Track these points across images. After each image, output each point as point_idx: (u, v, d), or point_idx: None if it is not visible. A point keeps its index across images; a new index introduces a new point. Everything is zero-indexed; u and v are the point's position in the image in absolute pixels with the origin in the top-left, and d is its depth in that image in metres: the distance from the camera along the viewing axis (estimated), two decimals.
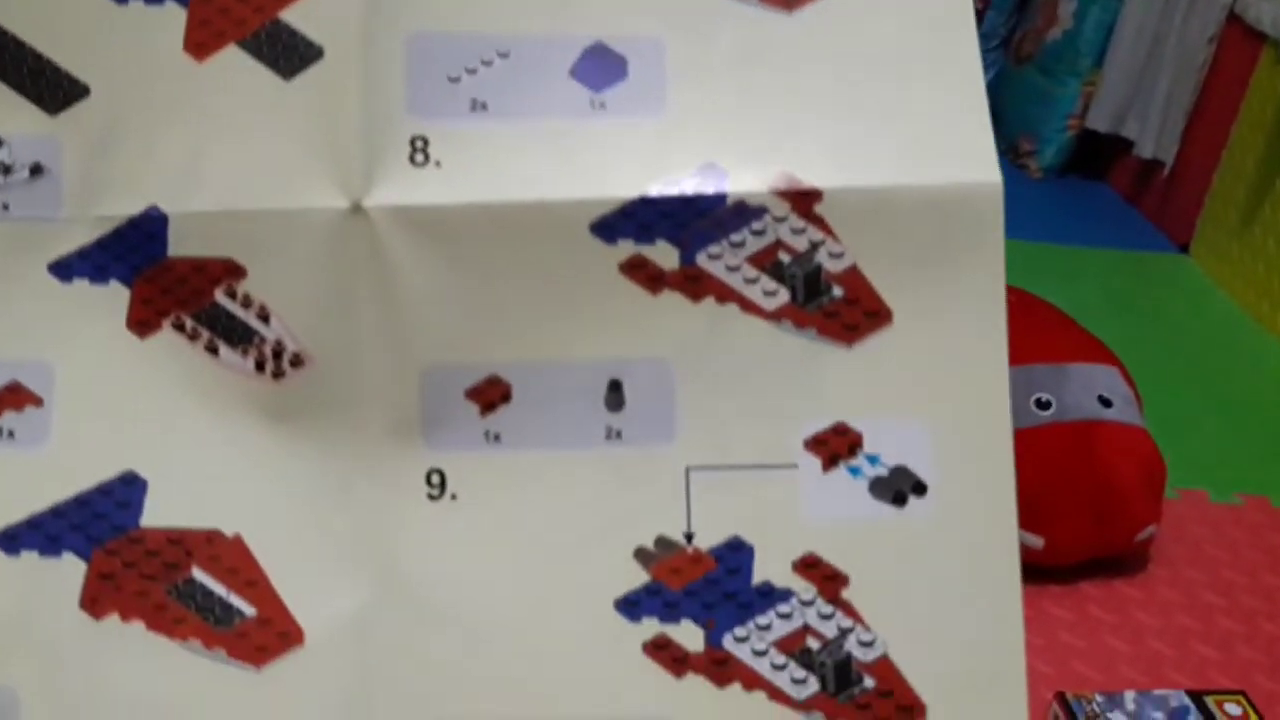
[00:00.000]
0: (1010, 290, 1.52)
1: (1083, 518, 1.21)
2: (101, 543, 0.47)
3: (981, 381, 0.46)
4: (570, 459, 0.48)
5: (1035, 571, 1.19)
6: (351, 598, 0.47)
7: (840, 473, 0.47)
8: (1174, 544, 1.31)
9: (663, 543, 0.47)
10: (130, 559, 0.48)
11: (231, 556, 0.48)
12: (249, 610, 0.48)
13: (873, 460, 0.47)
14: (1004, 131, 2.31)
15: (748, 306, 0.47)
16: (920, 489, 0.46)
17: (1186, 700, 1.04)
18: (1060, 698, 1.04)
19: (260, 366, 0.49)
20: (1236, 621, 1.22)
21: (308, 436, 0.49)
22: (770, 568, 0.47)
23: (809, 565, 0.46)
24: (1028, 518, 1.30)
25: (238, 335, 0.49)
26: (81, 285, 0.49)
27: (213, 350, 0.49)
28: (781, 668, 0.46)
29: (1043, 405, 1.24)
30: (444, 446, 0.49)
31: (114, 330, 0.49)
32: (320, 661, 0.47)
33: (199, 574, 0.48)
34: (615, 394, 0.48)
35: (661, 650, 0.46)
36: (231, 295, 0.49)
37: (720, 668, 0.46)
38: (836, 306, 0.47)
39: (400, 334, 0.48)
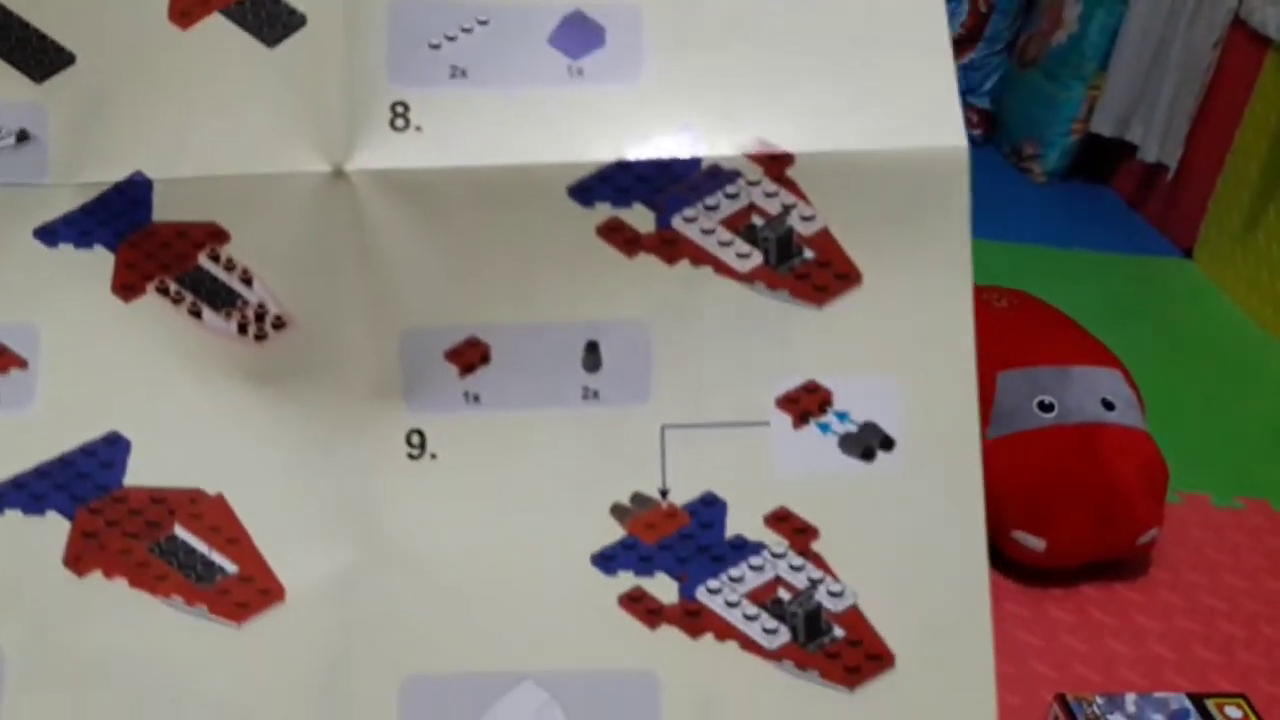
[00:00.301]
0: (1013, 293, 1.52)
1: (1085, 520, 1.20)
2: (85, 502, 0.48)
3: (948, 340, 0.47)
4: (548, 419, 0.49)
5: (1037, 573, 1.19)
6: (332, 555, 0.48)
7: (811, 429, 0.48)
8: (1175, 547, 1.31)
9: (638, 499, 0.48)
10: (113, 517, 0.49)
11: (213, 515, 0.49)
12: (230, 567, 0.49)
13: (842, 417, 0.48)
14: (1008, 135, 2.32)
15: (722, 269, 0.48)
16: (888, 444, 0.47)
17: (1187, 703, 1.04)
18: (1061, 699, 1.03)
19: (243, 329, 0.50)
20: (1237, 625, 1.22)
21: (290, 398, 0.50)
22: (742, 522, 0.48)
23: (780, 519, 0.47)
24: (1030, 520, 1.30)
25: (221, 298, 0.50)
26: (67, 250, 0.50)
27: (196, 314, 0.50)
28: (753, 618, 0.47)
29: (1045, 408, 1.24)
30: (424, 407, 0.50)
31: (99, 294, 0.50)
32: (301, 618, 0.48)
33: (181, 532, 0.49)
34: (592, 355, 0.50)
35: (636, 603, 0.47)
36: (215, 259, 0.50)
37: (693, 619, 0.47)
38: (808, 268, 0.48)
39: (380, 296, 0.49)
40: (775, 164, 0.48)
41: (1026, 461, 1.21)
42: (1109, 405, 1.24)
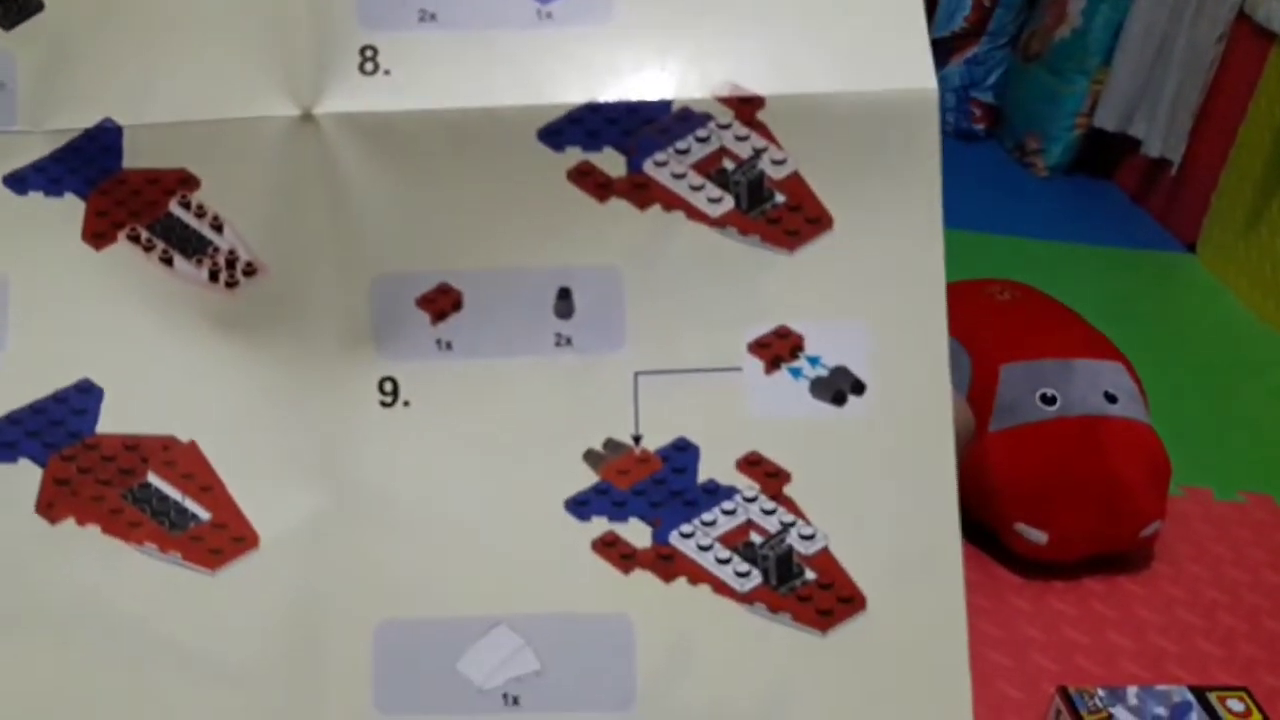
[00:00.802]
0: (1016, 286, 1.53)
1: (1087, 513, 1.19)
2: (58, 449, 0.49)
3: (918, 284, 0.47)
4: (521, 366, 0.50)
5: (1039, 566, 1.19)
6: (305, 502, 0.49)
7: (782, 374, 0.48)
8: (1178, 541, 1.31)
9: (611, 445, 0.49)
10: (86, 465, 0.49)
11: (187, 462, 0.49)
12: (204, 515, 0.49)
13: (813, 361, 0.48)
14: (1011, 129, 2.32)
15: (693, 214, 0.49)
16: (859, 388, 0.48)
17: (1189, 696, 1.04)
18: (1063, 692, 1.03)
19: (214, 276, 0.50)
20: (1239, 619, 1.21)
21: (261, 345, 0.50)
22: (715, 467, 0.48)
23: (752, 463, 0.48)
24: (1032, 512, 1.31)
25: (192, 246, 0.50)
26: (37, 198, 0.51)
27: (167, 261, 0.50)
28: (725, 562, 0.47)
29: (1048, 400, 1.24)
30: (396, 354, 0.50)
31: (69, 242, 0.50)
32: (274, 564, 0.48)
33: (154, 479, 0.49)
34: (564, 301, 0.50)
35: (610, 548, 0.48)
36: (185, 206, 0.50)
37: (666, 563, 0.47)
38: (779, 213, 0.48)
39: (351, 242, 0.49)
40: (746, 107, 0.48)
41: (1029, 454, 1.20)
42: (1112, 398, 1.24)
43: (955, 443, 1.07)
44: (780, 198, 0.48)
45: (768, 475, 0.47)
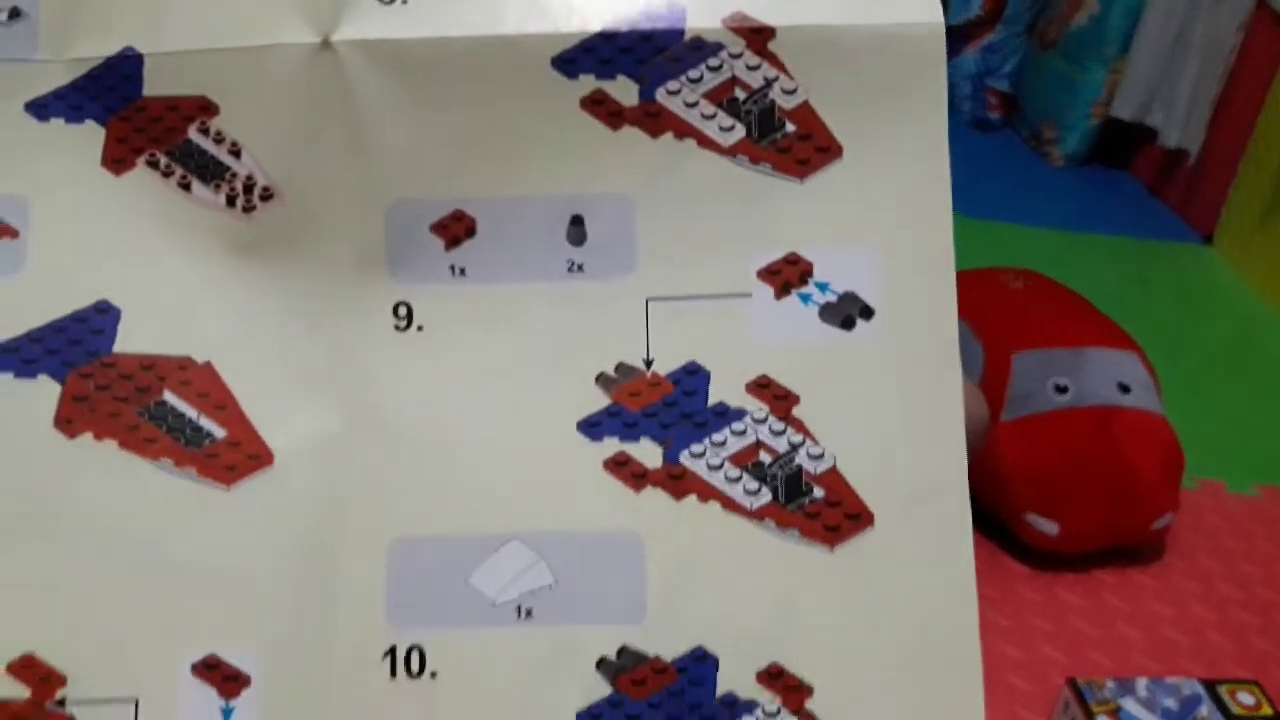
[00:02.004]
0: (1029, 274, 1.55)
1: (1099, 504, 1.23)
2: (76, 367, 0.50)
3: (925, 213, 0.50)
4: (533, 292, 0.51)
5: (1050, 558, 1.22)
6: (320, 423, 0.51)
7: (792, 300, 0.50)
8: (1191, 534, 1.34)
9: (623, 369, 0.51)
10: (103, 382, 0.51)
11: (202, 382, 0.51)
12: (219, 432, 0.50)
13: (822, 287, 0.51)
14: (1027, 118, 2.36)
15: (704, 142, 0.51)
16: (867, 313, 0.50)
17: (1199, 688, 1.07)
18: (1072, 684, 1.06)
19: (231, 201, 0.52)
20: (1252, 613, 1.24)
21: (277, 269, 0.52)
22: (725, 390, 0.50)
23: (761, 386, 0.50)
24: (1044, 502, 1.33)
25: (210, 171, 0.52)
26: (58, 125, 0.53)
27: (185, 186, 0.53)
28: (735, 480, 0.49)
29: (1061, 390, 1.26)
30: (410, 280, 0.52)
31: (89, 168, 0.52)
32: (289, 482, 0.50)
33: (170, 397, 0.51)
34: (577, 228, 0.52)
35: (622, 467, 0.50)
36: (204, 132, 0.53)
37: (677, 481, 0.49)
38: (789, 142, 0.51)
39: (367, 169, 0.52)
40: (757, 37, 0.51)
41: (1041, 444, 1.23)
42: (1125, 388, 1.27)
43: (970, 431, 1.11)
44: (790, 127, 0.51)
45: (777, 398, 0.49)
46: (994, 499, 1.27)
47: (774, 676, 0.49)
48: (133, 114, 0.53)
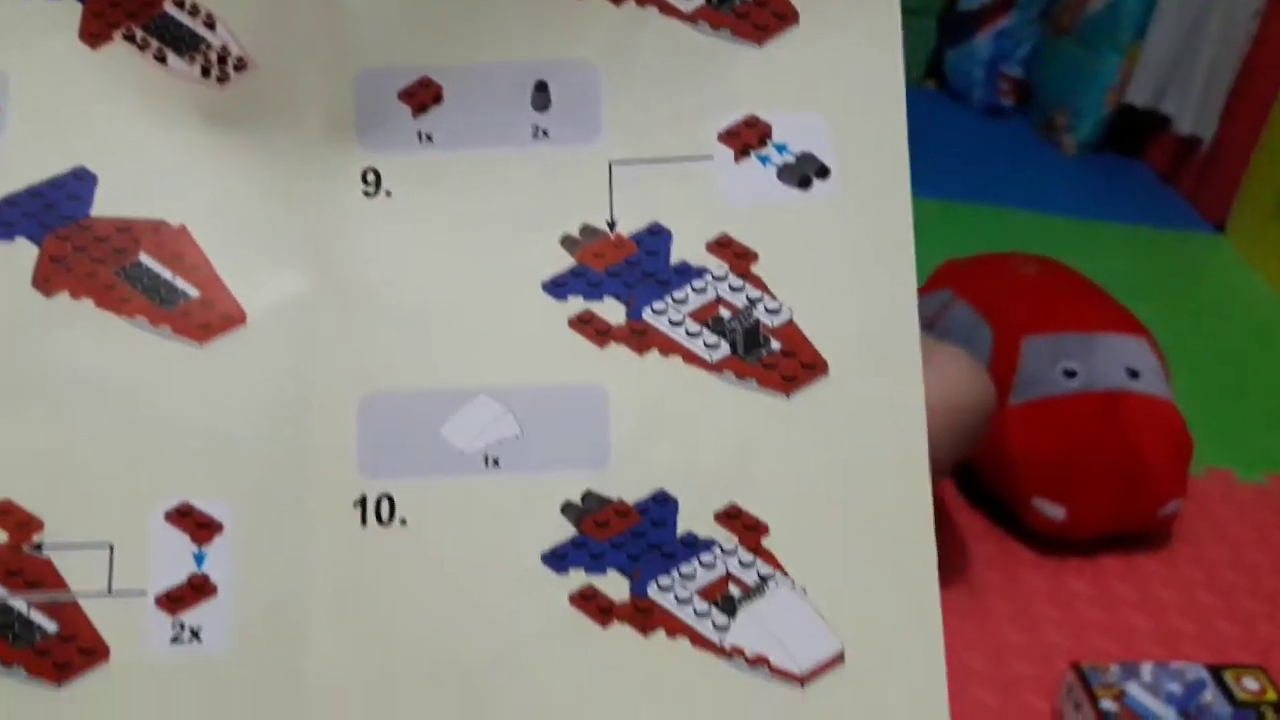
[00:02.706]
0: (1040, 260, 1.61)
1: (1107, 489, 1.24)
2: (53, 230, 0.55)
3: (878, 75, 0.55)
4: (499, 157, 0.56)
5: (1056, 543, 1.24)
6: (292, 284, 0.55)
7: (751, 161, 0.56)
8: (1199, 522, 1.38)
9: (587, 230, 0.56)
10: (80, 244, 0.55)
11: (177, 244, 0.55)
12: (193, 292, 0.55)
13: (781, 149, 0.56)
14: (1040, 105, 2.42)
15: (666, 9, 0.56)
16: (824, 172, 0.55)
17: (1204, 673, 1.10)
18: (1076, 668, 1.09)
19: (206, 72, 0.57)
20: (1259, 601, 1.27)
21: (250, 137, 0.56)
22: (686, 249, 0.55)
23: (722, 245, 0.55)
24: (1051, 487, 1.37)
25: (185, 43, 0.57)
26: (37, 1, 0.59)
27: (161, 59, 0.57)
28: (696, 335, 0.54)
29: (1070, 374, 1.31)
30: (378, 147, 0.56)
31: (67, 42, 0.56)
32: (261, 340, 0.54)
33: (146, 259, 0.55)
34: (542, 94, 0.56)
35: (586, 324, 0.54)
36: (179, 5, 0.57)
37: (640, 337, 0.54)
38: (747, 8, 0.56)
39: (335, 37, 0.56)
40: None
41: (1049, 428, 1.25)
42: (1134, 373, 1.31)
43: (977, 413, 1.14)
44: None
45: (736, 255, 0.54)
46: (1001, 483, 1.27)
47: (732, 516, 0.54)
48: None
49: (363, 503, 0.53)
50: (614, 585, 0.53)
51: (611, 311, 0.55)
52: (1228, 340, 1.78)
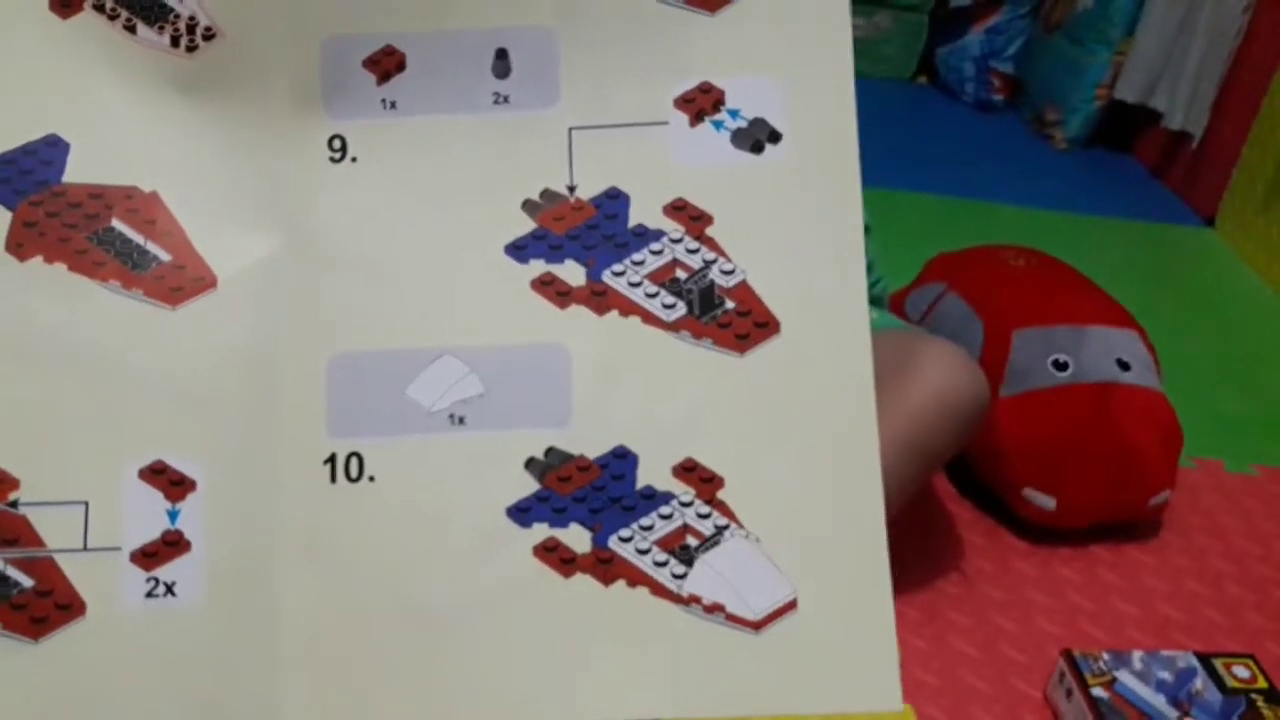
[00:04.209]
0: (1030, 252, 1.64)
1: (1097, 480, 1.26)
2: (26, 195, 0.57)
3: (828, 41, 0.57)
4: (461, 123, 0.58)
5: (1046, 532, 1.25)
6: (260, 248, 0.57)
7: (705, 127, 0.57)
8: (1188, 512, 1.40)
9: (547, 194, 0.58)
10: (53, 209, 0.57)
11: (149, 210, 0.57)
12: (165, 256, 0.57)
13: (734, 114, 0.57)
14: (1030, 101, 2.45)
15: None
16: (775, 137, 0.57)
17: (1195, 661, 1.12)
18: (1067, 655, 1.11)
19: (175, 41, 0.58)
20: (1247, 589, 1.29)
21: (219, 105, 0.58)
22: (644, 212, 0.57)
23: (678, 208, 0.56)
24: (1041, 478, 1.39)
25: (154, 14, 0.58)
26: None
27: (130, 28, 0.58)
28: (653, 296, 0.56)
29: (1060, 366, 1.32)
30: (344, 114, 0.58)
31: (37, 12, 0.58)
32: (231, 302, 0.56)
33: (118, 224, 0.57)
34: (502, 61, 0.58)
35: (547, 286, 0.56)
36: None
37: (600, 298, 0.56)
38: None
39: (302, 6, 0.58)
40: None
41: (1039, 419, 1.27)
42: (1125, 365, 1.33)
43: (972, 411, 1.16)
44: None
45: (692, 219, 0.56)
46: (992, 473, 1.29)
47: (688, 470, 0.56)
48: None
49: (332, 460, 0.55)
50: (576, 538, 0.55)
51: (572, 273, 0.57)
52: (1218, 333, 1.80)
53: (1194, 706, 1.05)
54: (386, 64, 0.60)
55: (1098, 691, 1.05)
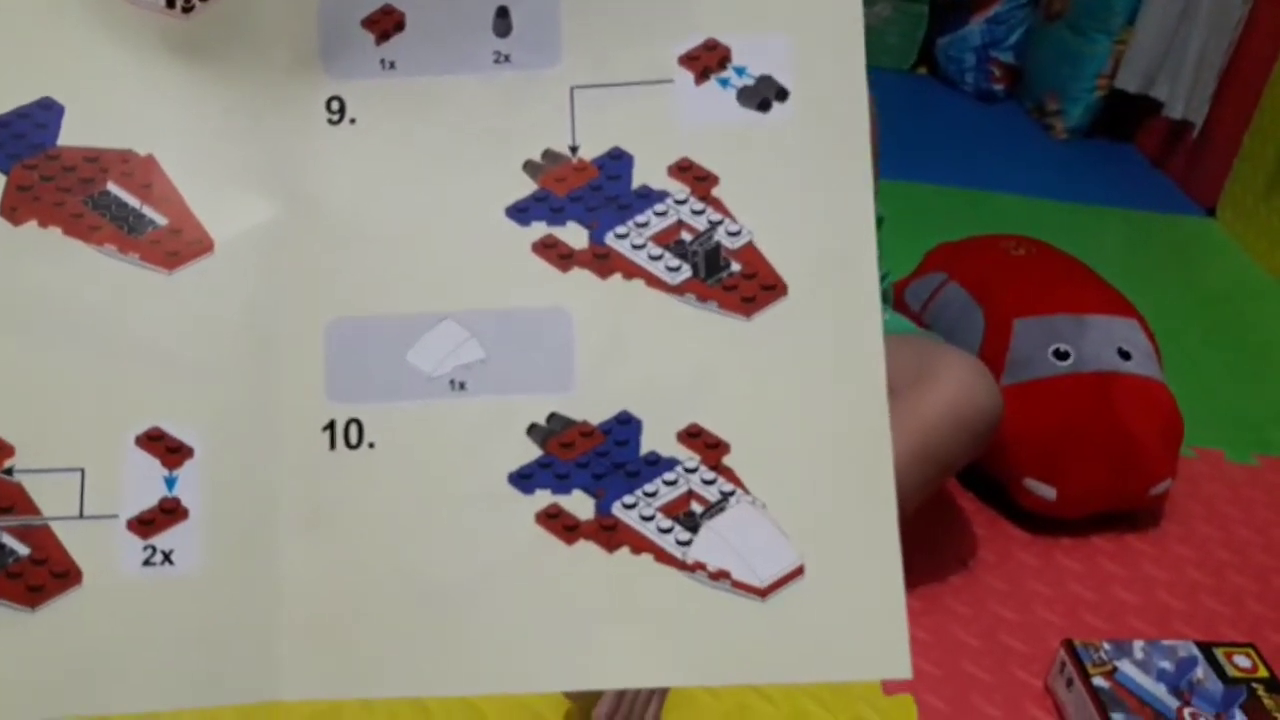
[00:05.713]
0: (1031, 242, 1.64)
1: (1098, 469, 1.26)
2: (20, 159, 0.56)
3: (837, 2, 0.58)
4: (461, 83, 0.57)
5: (1047, 522, 1.27)
6: (258, 211, 0.56)
7: (711, 85, 0.56)
8: (1188, 501, 1.41)
9: (549, 155, 0.57)
10: (48, 173, 0.56)
11: (145, 173, 0.56)
12: (161, 220, 0.56)
13: (740, 71, 0.56)
14: (1031, 90, 2.46)
15: None
16: (783, 95, 0.56)
17: (1195, 651, 1.13)
18: (1068, 645, 1.11)
19: (170, 2, 0.57)
20: (1248, 578, 1.30)
21: (216, 66, 0.57)
22: (648, 173, 0.56)
23: (683, 169, 0.55)
24: (1042, 467, 1.40)
25: None
26: None
27: None
28: (658, 258, 0.55)
29: (1061, 356, 1.33)
30: (342, 75, 0.57)
31: None
32: (228, 267, 0.56)
33: (114, 188, 0.57)
34: (502, 20, 0.57)
35: (549, 249, 0.56)
36: None
37: (603, 261, 0.56)
38: None
39: None
40: None
41: (1040, 409, 1.27)
42: (1125, 355, 1.34)
43: (986, 420, 1.15)
44: None
45: (697, 179, 0.55)
46: (993, 463, 1.29)
47: (693, 435, 0.55)
48: None
49: (331, 427, 0.55)
50: (579, 504, 0.55)
51: (574, 236, 0.56)
52: (1218, 322, 1.81)
53: (1195, 695, 1.05)
54: (385, 23, 0.59)
55: (1099, 681, 1.06)
